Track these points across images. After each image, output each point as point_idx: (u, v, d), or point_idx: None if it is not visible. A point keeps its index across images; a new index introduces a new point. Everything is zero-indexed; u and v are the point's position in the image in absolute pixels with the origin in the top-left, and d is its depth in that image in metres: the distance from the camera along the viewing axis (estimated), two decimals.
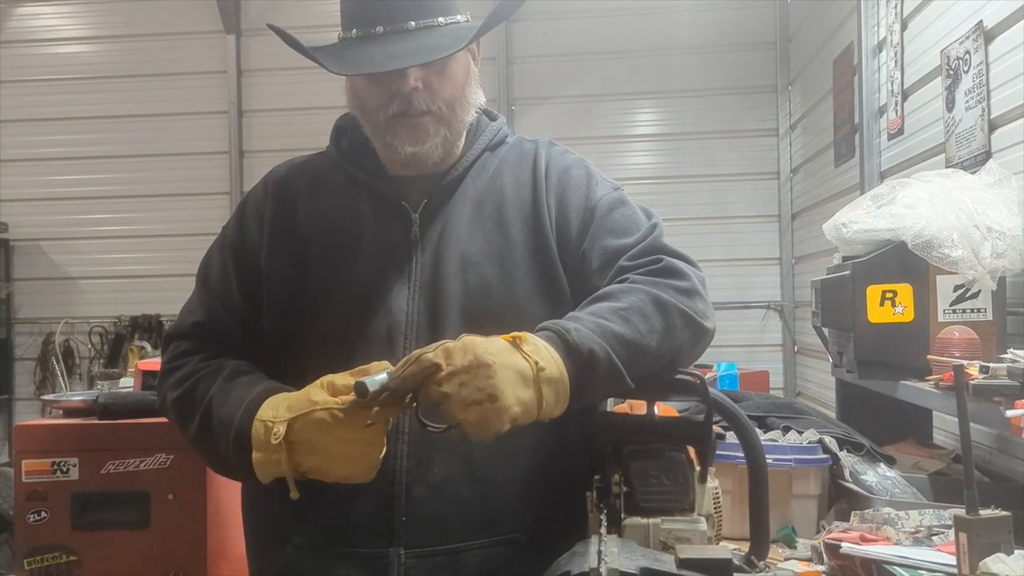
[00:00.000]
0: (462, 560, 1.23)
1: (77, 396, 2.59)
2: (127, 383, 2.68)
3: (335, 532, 1.24)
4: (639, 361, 1.15)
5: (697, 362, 1.34)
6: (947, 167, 2.60)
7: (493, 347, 1.06)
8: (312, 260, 1.31)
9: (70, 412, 2.40)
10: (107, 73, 5.99)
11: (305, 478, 1.13)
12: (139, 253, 5.91)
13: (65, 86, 6.01)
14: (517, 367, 1.06)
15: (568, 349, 1.10)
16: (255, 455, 1.14)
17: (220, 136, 5.91)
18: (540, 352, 1.08)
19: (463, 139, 1.39)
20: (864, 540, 1.64)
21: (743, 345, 5.43)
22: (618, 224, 1.31)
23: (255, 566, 1.37)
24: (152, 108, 5.92)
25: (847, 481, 1.99)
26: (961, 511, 1.39)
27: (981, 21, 2.43)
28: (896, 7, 3.24)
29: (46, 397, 2.86)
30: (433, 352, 1.05)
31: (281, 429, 1.11)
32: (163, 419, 2.30)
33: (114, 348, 5.86)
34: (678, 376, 1.23)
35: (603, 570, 0.81)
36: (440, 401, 1.03)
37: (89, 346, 5.94)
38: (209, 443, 1.23)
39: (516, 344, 1.08)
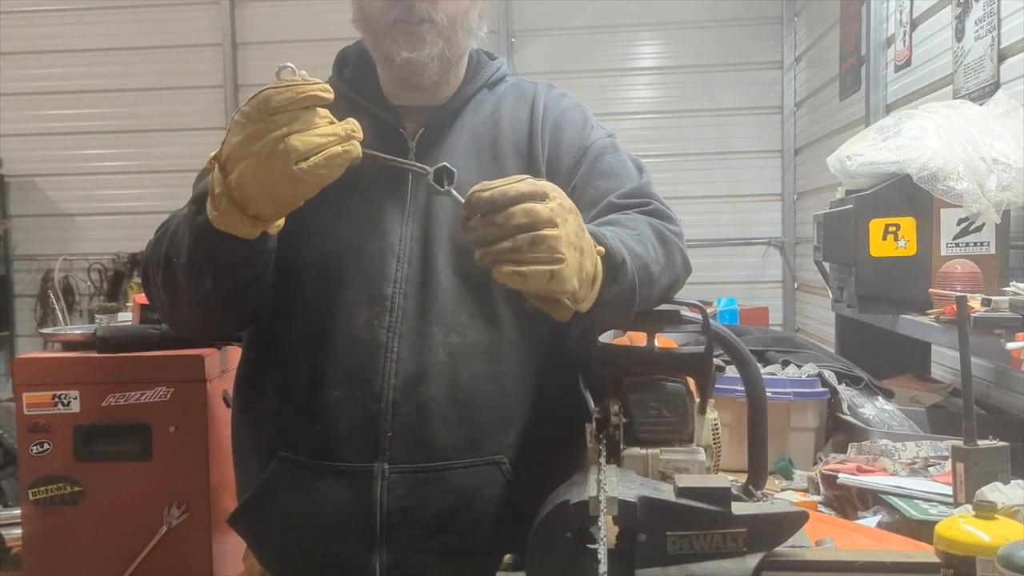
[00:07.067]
0: (445, 478, 1.24)
1: (76, 329, 2.59)
2: (125, 317, 2.68)
3: (320, 446, 1.25)
4: (646, 289, 1.14)
5: (697, 298, 1.34)
6: (955, 98, 2.56)
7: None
8: None
9: (69, 345, 2.41)
10: (99, 4, 5.85)
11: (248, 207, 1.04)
12: (136, 189, 5.84)
13: (57, 17, 5.87)
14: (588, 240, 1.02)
15: (605, 252, 1.06)
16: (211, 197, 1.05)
17: (214, 69, 5.80)
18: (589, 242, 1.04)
19: (462, 71, 1.41)
20: (861, 471, 1.66)
21: (743, 281, 5.43)
22: (610, 166, 1.34)
23: (241, 483, 1.38)
24: (145, 40, 5.79)
25: (845, 414, 2.01)
26: (958, 442, 1.40)
27: None
28: None
29: (45, 330, 2.87)
30: (541, 182, 0.97)
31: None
32: (163, 352, 2.34)
33: (113, 285, 5.84)
34: (678, 307, 1.23)
35: (602, 499, 0.81)
36: (541, 224, 0.93)
37: (88, 283, 5.91)
38: (184, 252, 1.14)
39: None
